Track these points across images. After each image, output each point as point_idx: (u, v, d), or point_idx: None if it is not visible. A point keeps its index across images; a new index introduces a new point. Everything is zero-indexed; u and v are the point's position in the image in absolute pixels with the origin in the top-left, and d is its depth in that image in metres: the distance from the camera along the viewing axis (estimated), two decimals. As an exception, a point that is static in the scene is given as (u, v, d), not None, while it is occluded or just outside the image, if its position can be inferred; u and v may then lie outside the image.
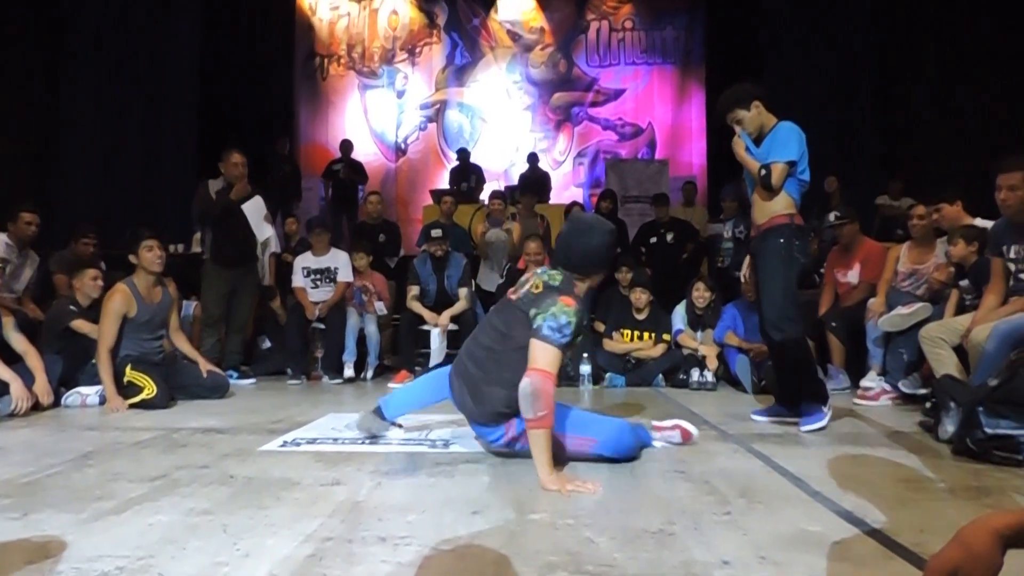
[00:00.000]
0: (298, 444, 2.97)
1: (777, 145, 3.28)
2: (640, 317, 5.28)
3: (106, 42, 8.81)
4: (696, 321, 5.27)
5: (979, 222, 4.08)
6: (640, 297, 5.17)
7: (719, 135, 10.41)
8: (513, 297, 2.64)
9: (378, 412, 2.99)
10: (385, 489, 2.25)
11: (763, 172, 3.26)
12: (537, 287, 2.51)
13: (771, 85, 9.75)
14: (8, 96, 7.35)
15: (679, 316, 5.32)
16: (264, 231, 5.38)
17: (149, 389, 3.87)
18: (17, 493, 2.18)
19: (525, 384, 2.30)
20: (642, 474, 2.44)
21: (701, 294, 5.24)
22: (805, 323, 3.44)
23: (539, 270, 2.66)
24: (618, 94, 11.57)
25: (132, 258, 4.18)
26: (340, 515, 1.95)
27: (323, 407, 4.02)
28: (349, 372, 5.34)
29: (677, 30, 11.41)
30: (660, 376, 5.07)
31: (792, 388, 3.42)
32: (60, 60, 8.36)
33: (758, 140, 3.42)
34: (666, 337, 5.21)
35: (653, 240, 6.95)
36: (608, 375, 5.12)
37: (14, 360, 3.82)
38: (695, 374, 4.86)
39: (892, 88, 8.94)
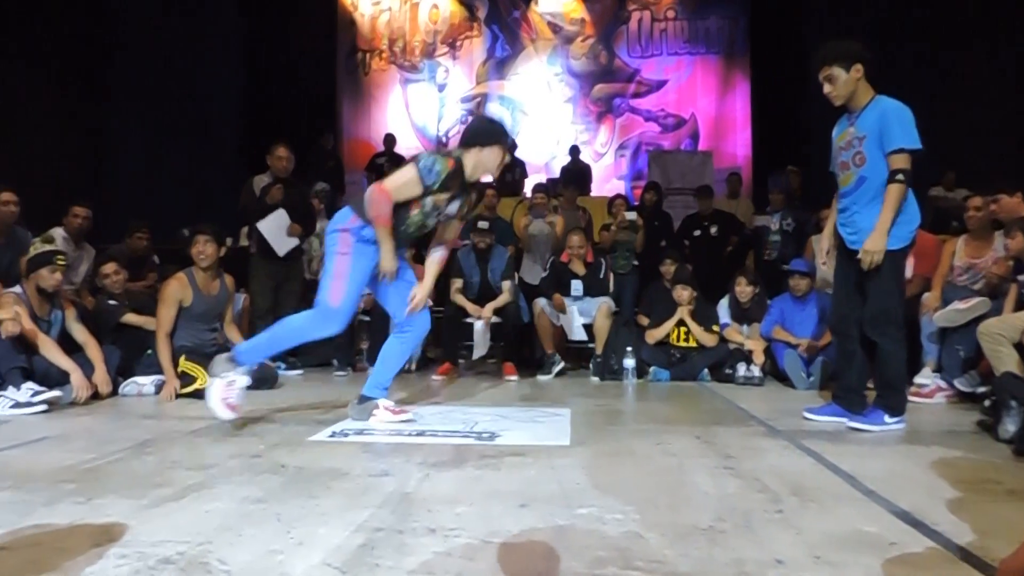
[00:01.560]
0: (346, 435, 3.01)
1: (899, 128, 3.04)
2: (684, 312, 5.21)
3: (152, 39, 9.01)
4: (741, 315, 5.19)
5: (1040, 214, 3.94)
6: (682, 294, 5.10)
7: (764, 126, 10.30)
8: None
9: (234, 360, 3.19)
10: (433, 481, 2.27)
11: (899, 177, 3.02)
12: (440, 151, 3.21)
13: (816, 76, 9.55)
14: (59, 94, 7.57)
15: (724, 310, 5.24)
16: (286, 245, 5.40)
17: (202, 379, 3.96)
18: (81, 479, 2.25)
19: (368, 191, 3.05)
20: (690, 470, 2.41)
21: (743, 288, 5.15)
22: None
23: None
24: (660, 85, 11.44)
25: (192, 252, 4.31)
26: (390, 506, 1.97)
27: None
28: (393, 365, 5.39)
29: (721, 20, 11.23)
30: (705, 371, 5.01)
31: (860, 388, 3.33)
32: (108, 58, 8.59)
33: (845, 109, 3.25)
34: (715, 328, 5.13)
35: (697, 233, 6.86)
36: (652, 369, 5.07)
37: (74, 350, 3.96)
38: (741, 368, 4.79)
39: (942, 77, 8.66)
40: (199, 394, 3.98)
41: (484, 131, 3.18)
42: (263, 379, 4.42)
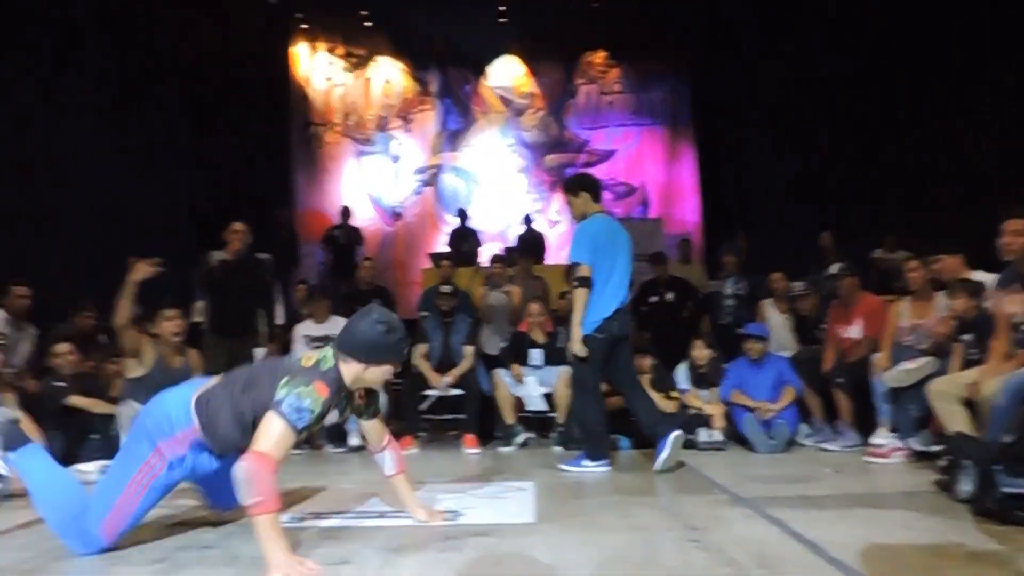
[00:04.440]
0: (303, 519, 2.90)
1: (573, 244, 4.02)
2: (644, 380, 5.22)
3: (102, 117, 8.92)
4: (700, 379, 5.23)
5: (978, 275, 4.11)
6: (641, 363, 5.13)
7: (712, 192, 10.64)
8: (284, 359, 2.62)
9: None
10: (394, 568, 2.20)
11: (575, 284, 3.93)
12: (309, 360, 2.41)
13: (759, 142, 9.98)
14: (7, 170, 7.41)
15: (682, 375, 5.28)
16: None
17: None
18: (16, 582, 2.12)
19: (240, 469, 2.13)
20: (657, 544, 2.38)
21: (700, 352, 5.22)
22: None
23: (323, 350, 2.48)
24: (609, 155, 11.78)
25: (154, 330, 4.17)
26: (351, 597, 1.90)
27: (328, 478, 3.94)
28: (353, 441, 5.25)
29: (664, 92, 11.71)
30: (667, 437, 5.00)
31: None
32: (56, 127, 8.47)
33: None
34: (674, 394, 5.14)
35: (653, 299, 6.95)
36: (614, 437, 5.04)
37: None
38: (703, 434, 4.79)
39: (888, 139, 9.07)
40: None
41: (375, 344, 2.42)
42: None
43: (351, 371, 2.43)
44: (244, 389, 2.41)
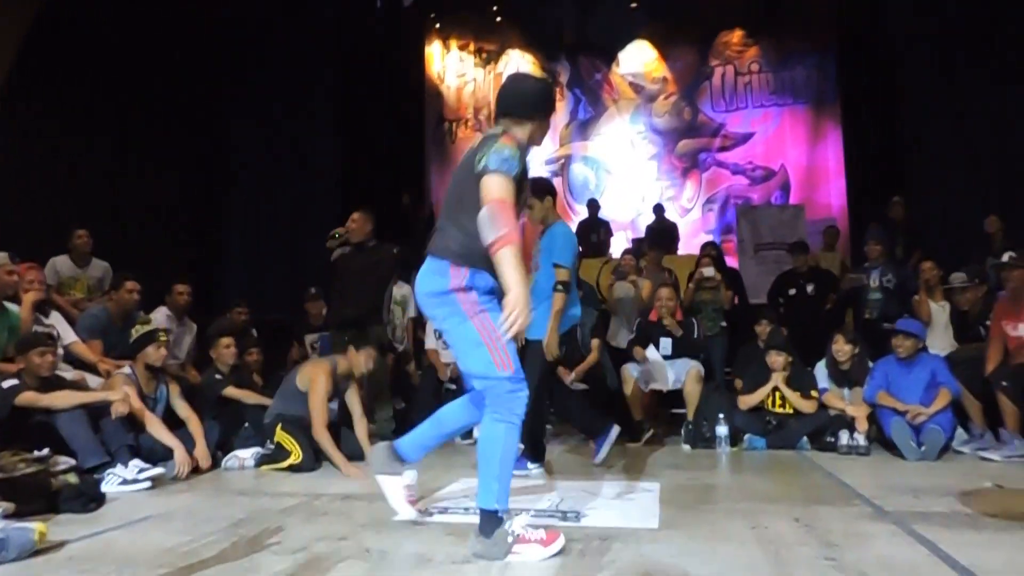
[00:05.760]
0: (431, 514, 3.00)
1: (556, 249, 3.89)
2: (779, 378, 4.97)
3: (259, 121, 9.62)
4: (841, 378, 4.91)
5: None
6: (776, 360, 4.89)
7: (860, 174, 9.90)
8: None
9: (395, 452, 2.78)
10: (516, 569, 2.22)
11: (559, 288, 3.82)
12: (477, 142, 2.60)
13: (913, 116, 9.14)
14: (173, 181, 8.17)
15: (822, 373, 4.97)
16: None
17: (296, 454, 4.06)
18: (178, 563, 2.33)
19: (483, 213, 2.34)
20: (788, 561, 2.26)
21: (841, 347, 4.87)
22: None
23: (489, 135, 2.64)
24: (747, 138, 11.27)
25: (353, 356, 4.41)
26: (471, 599, 1.94)
27: (456, 471, 4.05)
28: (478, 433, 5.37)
29: (808, 69, 11.02)
30: (805, 439, 4.75)
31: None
32: (221, 144, 9.23)
33: (543, 232, 4.04)
34: (814, 393, 4.86)
35: (792, 292, 6.58)
36: (747, 437, 4.85)
37: (177, 426, 4.15)
38: (844, 437, 4.50)
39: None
40: (293, 468, 4.07)
41: (543, 95, 2.75)
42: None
43: (524, 131, 2.64)
44: (460, 205, 2.53)
